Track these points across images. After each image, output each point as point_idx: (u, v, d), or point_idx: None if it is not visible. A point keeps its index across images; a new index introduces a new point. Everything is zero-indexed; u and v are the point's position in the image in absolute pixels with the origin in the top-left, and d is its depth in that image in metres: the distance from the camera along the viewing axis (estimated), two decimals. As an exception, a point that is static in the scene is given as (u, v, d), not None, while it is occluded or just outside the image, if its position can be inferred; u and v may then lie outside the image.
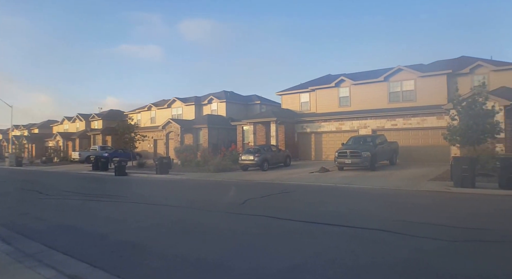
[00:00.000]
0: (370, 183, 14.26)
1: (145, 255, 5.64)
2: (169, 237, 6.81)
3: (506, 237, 6.15)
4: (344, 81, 27.06)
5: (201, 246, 6.10)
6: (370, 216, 8.32)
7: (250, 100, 38.80)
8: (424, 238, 6.21)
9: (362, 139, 20.24)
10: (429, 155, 21.74)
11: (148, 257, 5.52)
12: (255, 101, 38.37)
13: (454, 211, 9.02)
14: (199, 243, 6.28)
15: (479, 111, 14.83)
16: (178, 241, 6.49)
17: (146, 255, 5.66)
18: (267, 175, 18.49)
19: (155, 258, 5.49)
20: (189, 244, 6.24)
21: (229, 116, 34.86)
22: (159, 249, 5.94)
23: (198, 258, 5.39)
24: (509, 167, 11.61)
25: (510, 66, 22.19)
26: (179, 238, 6.76)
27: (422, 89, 23.85)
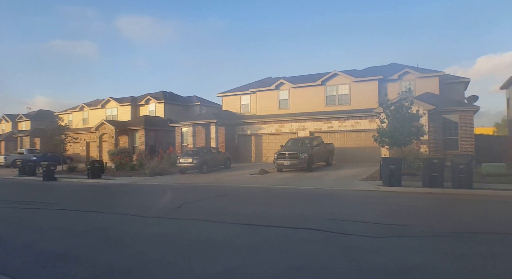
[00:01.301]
0: (306, 184, 14.63)
1: (70, 265, 5.25)
2: (97, 246, 6.39)
3: (426, 232, 6.56)
4: (283, 84, 27.59)
5: (131, 254, 5.78)
6: (304, 216, 8.49)
7: (190, 101, 38.11)
8: (352, 235, 6.46)
9: (300, 141, 20.74)
10: (362, 156, 22.85)
11: (74, 267, 5.14)
12: (195, 102, 37.76)
13: (382, 209, 9.51)
14: (130, 251, 5.95)
15: (405, 115, 15.87)
16: (107, 250, 6.11)
17: (72, 265, 5.28)
18: (206, 178, 18.24)
19: (81, 268, 5.12)
20: (118, 253, 5.90)
21: (167, 117, 33.96)
22: (86, 258, 5.56)
23: (127, 267, 5.10)
24: (431, 167, 12.52)
25: (433, 73, 24.03)
26: (108, 246, 6.37)
27: (356, 93, 25.03)
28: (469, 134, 20.04)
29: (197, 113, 35.37)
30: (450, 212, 8.98)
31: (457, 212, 9.03)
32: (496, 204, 9.90)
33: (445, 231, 6.66)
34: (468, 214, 8.67)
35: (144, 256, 5.58)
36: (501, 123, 51.08)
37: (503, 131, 45.35)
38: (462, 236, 6.34)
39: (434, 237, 6.29)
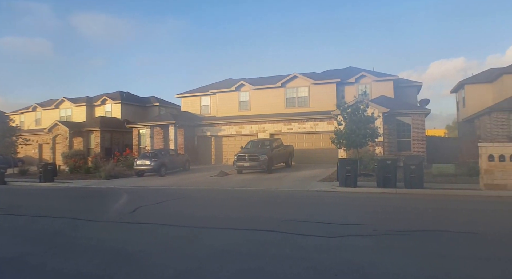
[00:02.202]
0: (265, 185, 14.64)
1: (17, 271, 4.96)
2: (47, 252, 5.97)
3: (377, 231, 6.68)
4: (244, 86, 27.54)
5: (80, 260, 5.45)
6: (262, 218, 8.44)
7: (148, 102, 37.12)
8: (308, 235, 6.50)
9: (260, 143, 20.76)
10: (321, 157, 23.22)
11: (21, 274, 4.85)
12: (154, 103, 36.82)
13: (337, 209, 9.66)
14: (79, 257, 5.59)
15: (361, 117, 16.28)
16: (55, 256, 5.72)
17: (17, 271, 4.97)
18: (164, 181, 17.81)
19: (28, 275, 4.82)
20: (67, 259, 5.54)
21: (124, 118, 32.90)
22: (33, 265, 5.25)
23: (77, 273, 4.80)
24: (385, 167, 12.89)
25: (388, 77, 24.92)
26: (58, 252, 5.98)
27: (315, 95, 25.44)
28: (421, 136, 20.91)
29: (155, 114, 34.55)
30: (401, 211, 9.25)
31: (407, 211, 9.30)
32: (444, 203, 10.32)
33: (395, 230, 6.83)
34: (418, 213, 8.95)
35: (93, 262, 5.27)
36: (452, 125, 53.85)
37: (453, 133, 47.89)
38: (411, 234, 6.52)
39: (384, 236, 6.42)
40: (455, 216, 8.49)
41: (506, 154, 11.56)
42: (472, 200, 10.56)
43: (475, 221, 7.79)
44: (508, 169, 11.50)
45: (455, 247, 5.69)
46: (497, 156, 11.62)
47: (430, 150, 21.73)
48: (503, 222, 7.76)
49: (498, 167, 11.60)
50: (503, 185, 11.51)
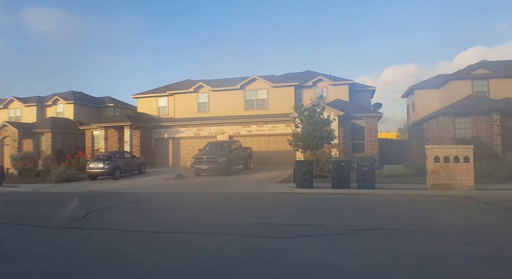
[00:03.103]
0: (224, 188, 14.58)
1: None
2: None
3: (329, 231, 6.86)
4: (203, 87, 27.33)
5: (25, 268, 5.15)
6: (218, 221, 8.38)
7: (103, 103, 35.79)
8: (263, 237, 6.57)
9: (218, 145, 20.67)
10: (280, 159, 23.48)
11: None
12: (108, 103, 35.57)
13: (293, 210, 9.82)
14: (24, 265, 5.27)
15: (318, 120, 16.67)
16: None
17: None
18: (118, 184, 17.26)
19: None
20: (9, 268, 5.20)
21: (77, 119, 31.55)
22: None
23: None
24: (339, 169, 13.26)
25: (343, 81, 25.72)
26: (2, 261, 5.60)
27: (274, 98, 25.74)
28: (374, 138, 21.73)
29: (110, 115, 33.42)
30: (353, 211, 9.53)
31: (359, 210, 9.61)
32: (394, 202, 10.76)
33: (346, 229, 7.03)
34: (369, 213, 9.28)
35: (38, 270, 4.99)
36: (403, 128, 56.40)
37: (404, 135, 50.13)
38: (360, 233, 6.73)
39: (335, 235, 6.60)
40: (403, 214, 8.87)
41: (450, 155, 12.27)
42: (419, 199, 11.08)
43: (421, 219, 8.19)
44: (452, 169, 12.20)
45: (401, 244, 5.93)
46: (442, 158, 12.31)
47: (383, 152, 22.64)
48: (447, 219, 8.20)
49: (443, 168, 12.28)
50: (448, 184, 12.19)
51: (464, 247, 5.73)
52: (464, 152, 12.25)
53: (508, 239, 6.29)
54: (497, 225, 7.52)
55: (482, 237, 6.39)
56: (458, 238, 6.32)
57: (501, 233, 6.76)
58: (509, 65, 25.37)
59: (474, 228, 7.19)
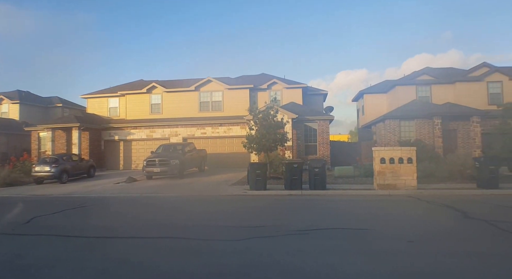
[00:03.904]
0: (176, 191, 14.31)
1: None
2: None
3: (280, 232, 6.93)
4: (156, 88, 26.70)
5: None
6: (169, 225, 8.20)
7: (50, 103, 34.00)
8: (214, 240, 6.53)
9: (171, 147, 20.27)
10: (234, 161, 23.47)
11: None
12: (56, 103, 33.86)
13: (246, 212, 9.83)
14: None
15: (271, 123, 16.83)
16: None
17: None
18: (65, 188, 16.40)
19: None
20: None
21: (23, 120, 29.71)
22: None
23: None
24: (292, 170, 13.47)
25: (297, 85, 26.22)
26: None
27: (229, 100, 25.70)
28: (325, 140, 22.33)
29: (58, 115, 31.80)
30: (304, 212, 9.71)
31: (309, 211, 9.80)
32: (343, 202, 11.10)
33: (296, 229, 7.13)
34: (318, 213, 9.50)
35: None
36: (354, 131, 58.53)
37: (355, 138, 52.02)
38: (309, 233, 6.86)
39: (286, 236, 6.68)
40: (351, 214, 9.17)
41: (395, 157, 12.87)
42: (366, 199, 11.52)
43: (367, 218, 8.50)
44: (397, 170, 12.81)
45: (348, 243, 6.12)
46: (388, 159, 12.89)
47: (334, 154, 23.32)
48: (391, 218, 8.59)
49: (389, 169, 12.86)
50: (393, 185, 12.78)
51: (406, 244, 6.01)
52: (408, 153, 12.91)
53: (446, 236, 6.67)
54: (437, 223, 7.96)
55: (423, 234, 6.74)
56: (401, 235, 6.62)
57: (440, 230, 7.18)
58: (449, 72, 27.15)
59: (415, 225, 7.57)
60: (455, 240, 6.36)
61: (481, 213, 8.64)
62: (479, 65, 25.22)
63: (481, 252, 5.50)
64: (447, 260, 5.13)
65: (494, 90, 23.98)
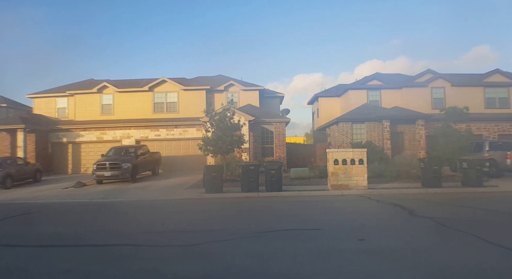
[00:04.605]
0: (129, 196, 13.87)
1: None
2: None
3: (235, 235, 6.93)
4: (107, 88, 25.69)
5: None
6: (119, 231, 7.91)
7: (-7, 103, 31.71)
8: (166, 246, 6.38)
9: (123, 150, 19.62)
10: (190, 164, 23.14)
11: None
12: (0, 103, 31.58)
13: (201, 216, 9.69)
14: None
15: (228, 125, 16.79)
16: None
17: None
18: (9, 194, 15.36)
19: None
20: None
21: (-40, 121, 27.43)
22: None
23: None
24: (249, 173, 13.49)
25: (254, 87, 26.36)
26: None
27: (184, 101, 25.31)
28: (282, 143, 22.63)
29: (2, 116, 29.65)
30: (260, 214, 9.78)
31: (266, 213, 9.89)
32: (298, 203, 11.29)
33: (252, 232, 7.15)
34: (275, 215, 9.60)
35: None
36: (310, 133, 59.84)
37: (311, 140, 53.20)
38: (265, 235, 6.91)
39: (243, 239, 6.68)
40: (306, 215, 9.35)
41: (347, 158, 13.31)
42: (320, 200, 11.81)
43: (321, 218, 8.71)
44: (349, 171, 13.25)
45: (302, 244, 6.23)
46: (341, 160, 13.30)
47: (290, 156, 23.68)
48: (343, 218, 8.86)
49: (342, 170, 13.27)
50: (346, 185, 13.20)
51: (357, 242, 6.22)
52: (359, 155, 13.40)
53: (395, 233, 6.99)
54: (385, 221, 8.33)
55: (372, 232, 7.02)
56: (352, 234, 6.85)
57: (389, 227, 7.51)
58: (397, 78, 28.61)
59: (366, 224, 7.86)
60: (402, 236, 6.68)
61: (426, 211, 9.13)
62: (424, 72, 26.78)
63: (427, 248, 5.81)
64: (395, 257, 5.37)
65: (438, 95, 25.53)
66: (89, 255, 6.02)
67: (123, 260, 5.63)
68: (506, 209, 9.48)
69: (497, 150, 16.99)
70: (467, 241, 6.23)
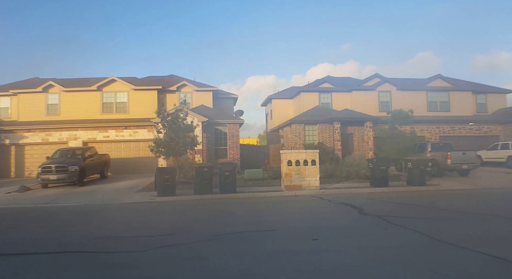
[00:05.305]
0: (76, 200, 13.18)
1: None
2: None
3: (189, 239, 6.78)
4: (53, 87, 24.31)
5: None
6: (66, 238, 7.45)
7: None
8: (117, 252, 6.12)
9: (70, 152, 18.64)
10: (141, 166, 22.48)
11: None
12: None
13: (153, 220, 9.41)
14: None
15: (181, 126, 16.47)
16: None
17: None
18: None
19: None
20: None
21: None
22: None
23: None
24: (202, 175, 13.34)
25: (208, 88, 26.13)
26: None
27: (135, 101, 24.54)
28: (235, 144, 22.62)
29: None
30: (214, 217, 9.67)
31: (220, 216, 9.80)
32: (252, 204, 11.30)
33: (207, 235, 7.05)
34: (229, 217, 9.54)
35: None
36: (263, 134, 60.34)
37: (264, 141, 53.67)
38: (220, 238, 6.83)
39: (196, 242, 6.56)
40: (259, 216, 9.37)
41: (300, 159, 13.55)
42: (274, 201, 11.91)
43: (274, 219, 8.77)
44: (302, 172, 13.51)
45: (256, 246, 6.23)
46: (294, 162, 13.52)
47: (244, 157, 23.73)
48: (297, 218, 8.98)
49: (295, 171, 13.50)
50: (299, 185, 13.44)
51: (311, 242, 6.32)
52: (312, 156, 13.70)
53: (346, 231, 7.19)
54: (337, 220, 8.54)
55: (325, 231, 7.17)
56: (306, 234, 6.95)
57: (340, 226, 7.72)
58: (347, 81, 29.68)
59: (319, 224, 8.02)
60: (353, 235, 6.88)
61: (374, 209, 9.50)
62: (372, 76, 28.02)
63: (377, 246, 6.03)
64: (347, 255, 5.52)
65: (384, 99, 26.80)
66: (34, 264, 5.62)
67: (71, 268, 5.33)
68: (447, 206, 10.10)
69: (438, 150, 18.10)
70: (413, 237, 6.54)
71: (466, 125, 26.28)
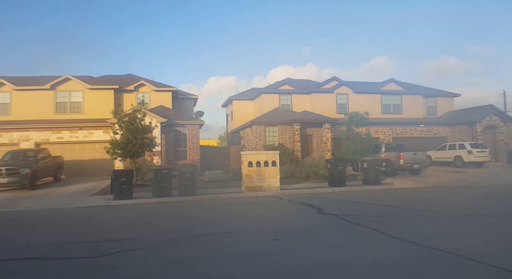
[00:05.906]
0: (27, 204, 12.52)
1: None
2: None
3: (148, 243, 6.62)
4: (4, 85, 22.87)
5: None
6: (17, 244, 7.03)
7: None
8: (71, 259, 5.86)
9: (22, 154, 17.70)
10: (96, 169, 21.64)
11: None
12: None
13: (109, 225, 9.11)
14: None
15: (138, 127, 16.06)
16: None
17: None
18: None
19: None
20: None
21: None
22: None
23: None
24: (160, 177, 13.08)
25: (167, 88, 25.68)
26: None
27: (90, 101, 23.63)
28: (195, 145, 22.39)
29: None
30: (172, 220, 9.50)
31: (179, 219, 9.65)
32: (212, 207, 11.24)
33: (165, 239, 6.90)
34: (189, 219, 9.43)
35: None
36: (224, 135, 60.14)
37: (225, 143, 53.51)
38: (179, 242, 6.72)
39: (155, 246, 6.40)
40: (219, 218, 9.35)
41: (261, 160, 13.66)
42: (235, 202, 11.93)
43: (235, 221, 8.79)
44: (263, 173, 13.62)
45: (215, 248, 6.20)
46: (255, 163, 13.60)
47: (204, 159, 23.53)
48: (258, 219, 9.04)
49: (256, 172, 13.58)
50: (259, 186, 13.53)
51: (272, 243, 6.38)
52: (272, 157, 13.85)
53: (306, 231, 7.33)
54: (297, 220, 8.67)
55: (286, 231, 7.27)
56: (267, 234, 7.01)
57: (300, 226, 7.84)
58: (307, 84, 30.31)
59: (279, 224, 8.13)
60: (312, 234, 7.03)
61: (333, 208, 9.76)
62: (330, 79, 28.80)
63: (335, 244, 6.19)
64: (307, 254, 5.62)
65: (342, 101, 27.64)
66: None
67: (25, 277, 5.06)
68: (401, 204, 10.57)
69: (392, 151, 18.92)
70: (369, 235, 6.78)
71: (417, 127, 27.68)
